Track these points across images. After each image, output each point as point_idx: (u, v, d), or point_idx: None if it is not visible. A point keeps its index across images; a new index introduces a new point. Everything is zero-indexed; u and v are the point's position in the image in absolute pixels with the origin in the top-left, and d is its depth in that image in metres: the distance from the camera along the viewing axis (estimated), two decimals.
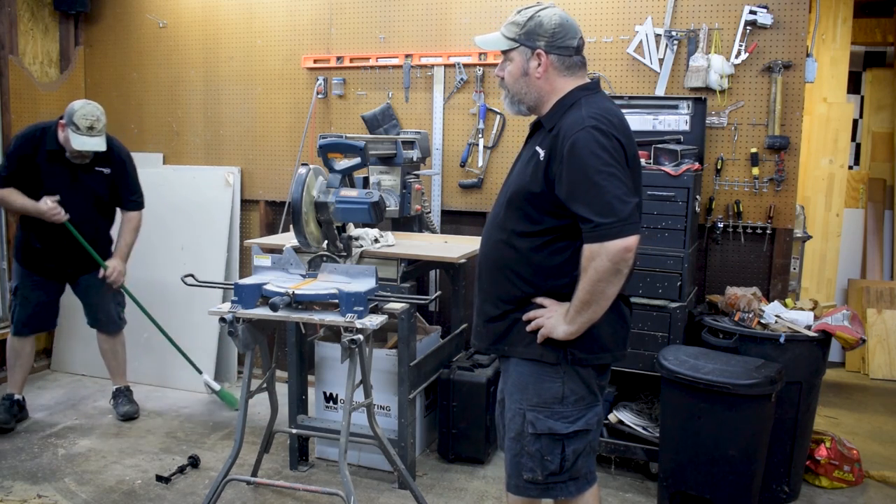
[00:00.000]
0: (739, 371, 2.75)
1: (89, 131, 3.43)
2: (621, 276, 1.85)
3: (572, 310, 1.90)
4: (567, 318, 1.91)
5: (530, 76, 1.99)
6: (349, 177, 2.89)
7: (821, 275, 5.04)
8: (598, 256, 1.82)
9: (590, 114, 1.88)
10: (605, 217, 1.80)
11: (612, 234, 1.80)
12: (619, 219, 1.80)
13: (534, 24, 1.96)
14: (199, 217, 4.41)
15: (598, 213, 1.81)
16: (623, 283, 1.89)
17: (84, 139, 3.43)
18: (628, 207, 1.81)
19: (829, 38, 4.86)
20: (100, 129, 3.46)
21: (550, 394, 1.99)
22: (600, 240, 1.81)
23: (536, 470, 2.01)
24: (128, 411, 3.86)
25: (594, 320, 1.91)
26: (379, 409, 3.29)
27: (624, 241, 1.80)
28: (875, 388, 4.61)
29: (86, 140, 3.43)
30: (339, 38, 4.17)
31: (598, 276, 1.83)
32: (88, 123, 3.41)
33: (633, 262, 1.88)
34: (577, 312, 1.89)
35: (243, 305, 2.57)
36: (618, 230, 1.80)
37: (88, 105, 3.46)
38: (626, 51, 3.63)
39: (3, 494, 3.04)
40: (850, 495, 3.15)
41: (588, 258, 1.85)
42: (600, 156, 1.82)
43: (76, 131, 3.40)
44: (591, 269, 1.84)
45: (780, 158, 3.42)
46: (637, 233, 1.84)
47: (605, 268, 1.82)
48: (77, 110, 3.41)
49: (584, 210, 1.82)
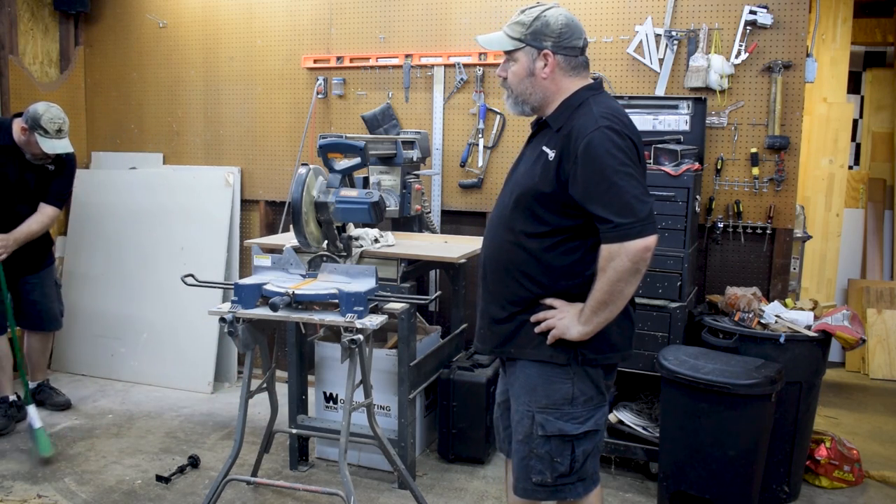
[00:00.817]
0: (739, 371, 2.75)
1: (58, 134, 3.47)
2: (639, 276, 1.86)
3: (588, 310, 1.89)
4: (582, 319, 1.90)
5: (536, 76, 1.98)
6: (349, 177, 2.88)
7: (821, 275, 5.04)
8: (617, 256, 1.82)
9: (601, 113, 1.88)
10: (625, 217, 1.80)
11: (632, 234, 1.80)
12: (639, 219, 1.80)
13: (540, 24, 1.95)
14: (199, 217, 4.41)
15: (617, 213, 1.80)
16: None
17: (54, 142, 3.47)
18: (647, 207, 1.82)
19: (829, 38, 4.86)
20: (66, 130, 3.52)
21: (560, 395, 1.98)
22: (620, 240, 1.81)
23: (546, 472, 2.00)
24: (66, 400, 3.96)
25: (609, 320, 1.90)
26: (379, 409, 3.29)
27: (644, 241, 1.81)
28: (875, 388, 4.61)
29: (55, 143, 3.47)
30: (339, 38, 4.17)
31: (618, 276, 1.83)
32: (57, 127, 3.46)
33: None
34: (594, 313, 1.88)
35: (243, 305, 2.57)
36: (638, 230, 1.80)
37: (52, 108, 3.49)
38: (626, 51, 3.63)
39: (3, 494, 3.04)
40: (850, 495, 3.15)
41: (607, 258, 1.84)
42: (616, 156, 1.82)
43: (45, 135, 3.43)
44: (611, 270, 1.84)
45: (780, 158, 3.42)
46: (656, 232, 1.84)
47: (626, 268, 1.82)
48: (42, 114, 3.42)
49: (603, 210, 1.82)
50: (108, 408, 4.00)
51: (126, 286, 4.44)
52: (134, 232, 4.52)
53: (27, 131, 3.47)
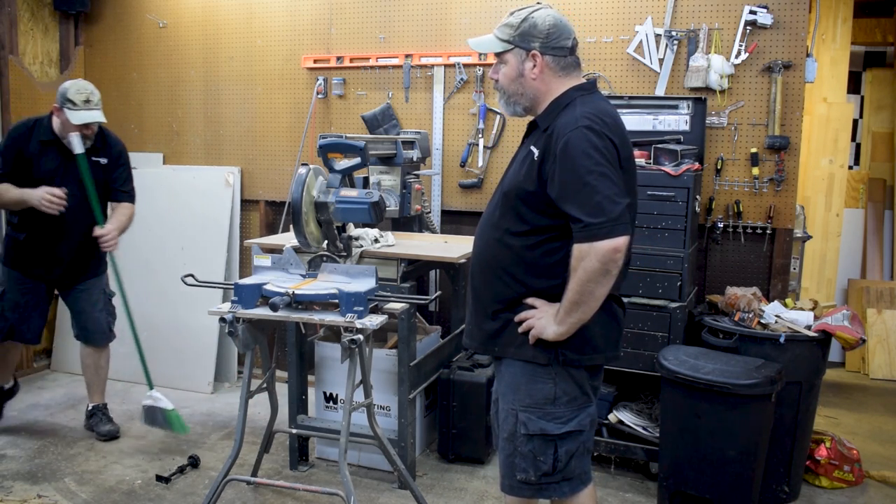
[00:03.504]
0: (739, 371, 2.75)
1: (86, 104, 3.30)
2: (610, 277, 1.85)
3: (562, 310, 1.89)
4: (557, 319, 1.91)
5: (525, 77, 1.99)
6: (349, 177, 2.88)
7: (821, 275, 5.04)
8: (587, 256, 1.82)
9: (584, 113, 1.88)
10: (595, 217, 1.80)
11: (601, 235, 1.80)
12: (609, 219, 1.79)
13: (528, 26, 1.96)
14: (199, 217, 4.41)
15: (587, 212, 1.80)
16: (615, 284, 1.88)
17: (82, 113, 3.29)
18: (618, 208, 1.81)
19: (829, 38, 4.86)
20: (96, 101, 3.35)
21: (542, 394, 1.99)
22: (589, 240, 1.81)
23: (529, 470, 2.01)
24: (110, 430, 3.63)
25: (584, 321, 1.90)
26: (379, 409, 3.29)
27: (613, 242, 1.80)
28: (875, 388, 4.61)
29: (84, 114, 3.30)
30: (339, 38, 4.17)
31: (588, 277, 1.83)
32: (84, 97, 3.30)
33: (627, 263, 1.87)
34: (567, 313, 1.89)
35: (243, 305, 2.57)
36: (607, 230, 1.79)
37: (79, 82, 3.35)
38: (626, 51, 3.63)
39: (3, 494, 3.04)
40: (850, 495, 3.14)
41: (577, 258, 1.84)
42: (592, 156, 1.82)
43: (73, 107, 3.27)
44: (581, 270, 1.84)
45: (780, 158, 3.42)
46: (628, 233, 1.83)
47: (594, 268, 1.82)
48: (69, 88, 3.29)
49: (574, 210, 1.82)
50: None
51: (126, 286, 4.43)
52: (134, 232, 4.50)
53: (58, 111, 3.32)
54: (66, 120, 3.30)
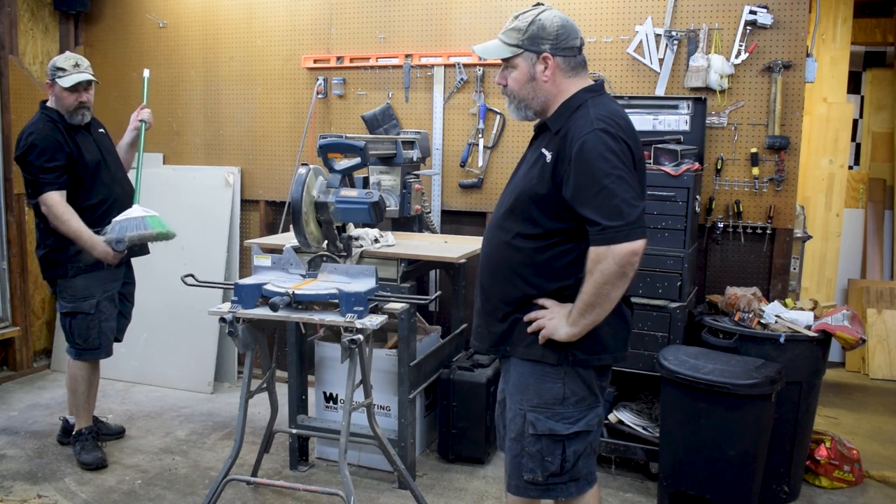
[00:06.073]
0: (739, 371, 2.75)
1: (76, 68, 3.26)
2: (626, 280, 1.85)
3: (575, 312, 1.89)
4: (570, 320, 1.91)
5: (538, 80, 1.98)
6: (349, 177, 2.88)
7: (821, 275, 5.04)
8: (604, 259, 1.82)
9: (598, 116, 1.88)
10: (613, 220, 1.80)
11: (619, 238, 1.80)
12: (627, 222, 1.80)
13: (536, 28, 1.95)
14: (199, 217, 4.41)
15: (605, 216, 1.80)
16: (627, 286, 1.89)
17: (74, 76, 3.23)
18: (636, 211, 1.82)
19: (829, 38, 4.86)
20: (85, 66, 3.29)
21: (551, 395, 1.98)
22: (608, 243, 1.81)
23: (537, 470, 2.01)
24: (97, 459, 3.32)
25: (597, 323, 1.90)
26: (379, 409, 3.29)
27: (631, 245, 1.80)
28: (875, 388, 4.61)
29: (76, 76, 3.23)
30: (339, 38, 4.17)
31: (604, 279, 1.83)
32: (73, 62, 3.25)
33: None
34: (581, 315, 1.89)
35: (243, 305, 2.57)
36: (626, 234, 1.80)
37: (65, 52, 3.35)
38: (626, 51, 3.63)
39: (3, 494, 3.04)
40: (850, 495, 3.14)
41: (594, 261, 1.84)
42: (609, 159, 1.82)
43: (64, 74, 3.22)
44: (597, 272, 1.84)
45: (780, 158, 3.42)
46: (645, 237, 1.84)
47: (612, 271, 1.82)
48: (57, 59, 3.26)
49: (592, 213, 1.82)
50: (108, 408, 4.00)
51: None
52: None
53: (51, 87, 3.25)
54: (60, 89, 3.24)
